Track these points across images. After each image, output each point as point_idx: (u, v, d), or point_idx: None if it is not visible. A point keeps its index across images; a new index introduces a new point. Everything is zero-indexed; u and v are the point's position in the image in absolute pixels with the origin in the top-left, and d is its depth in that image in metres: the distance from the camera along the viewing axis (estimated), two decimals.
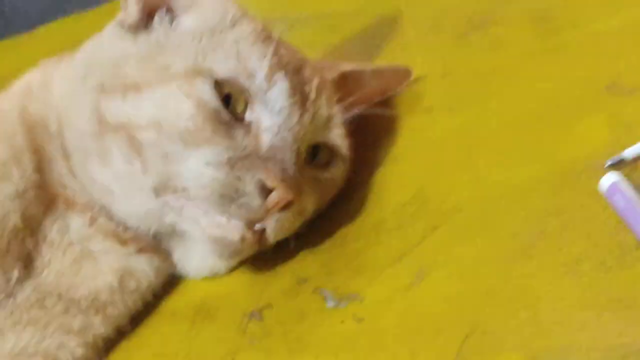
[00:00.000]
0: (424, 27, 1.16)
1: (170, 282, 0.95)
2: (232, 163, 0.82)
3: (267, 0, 0.96)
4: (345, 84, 0.94)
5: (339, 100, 0.92)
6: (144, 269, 0.91)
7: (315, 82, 0.89)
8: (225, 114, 0.84)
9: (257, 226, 0.83)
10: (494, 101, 0.97)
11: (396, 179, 0.93)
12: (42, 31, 1.67)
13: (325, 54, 1.13)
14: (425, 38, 1.13)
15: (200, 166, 0.83)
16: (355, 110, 0.93)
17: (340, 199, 0.93)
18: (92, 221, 0.91)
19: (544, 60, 0.99)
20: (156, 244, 0.92)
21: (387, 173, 0.94)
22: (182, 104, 0.84)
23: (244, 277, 0.91)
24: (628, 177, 0.79)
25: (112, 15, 0.98)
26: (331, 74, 0.93)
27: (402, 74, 1.01)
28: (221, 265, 0.90)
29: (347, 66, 0.97)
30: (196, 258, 0.91)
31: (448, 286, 0.78)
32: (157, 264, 0.92)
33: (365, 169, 0.95)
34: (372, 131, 0.98)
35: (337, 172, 0.91)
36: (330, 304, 0.81)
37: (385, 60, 1.09)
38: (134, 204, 0.88)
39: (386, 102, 1.03)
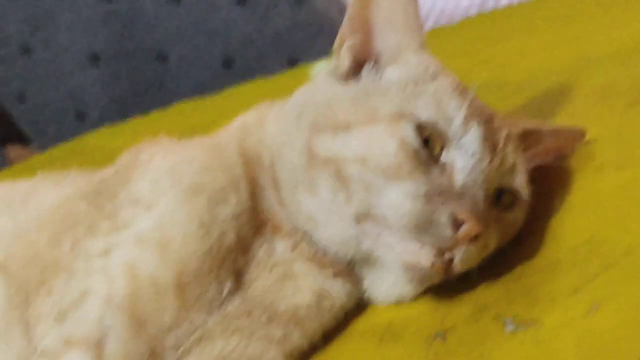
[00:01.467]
0: (594, 97, 1.17)
1: (359, 305, 0.95)
2: (428, 196, 0.85)
3: (447, 62, 1.00)
4: (526, 139, 0.96)
5: (522, 152, 0.94)
6: (339, 291, 0.93)
7: (503, 133, 0.91)
8: (424, 154, 0.87)
9: (447, 255, 0.85)
10: None
11: (570, 224, 0.93)
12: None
13: None
14: (595, 107, 1.14)
15: (400, 197, 0.86)
16: (536, 162, 0.96)
17: (519, 238, 0.93)
18: (295, 246, 0.94)
19: None
20: (350, 270, 0.94)
21: (562, 219, 0.94)
22: (387, 142, 0.88)
23: (427, 304, 0.91)
24: None
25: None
26: (515, 129, 0.95)
27: (577, 135, 1.03)
28: (408, 291, 0.92)
29: (529, 124, 1.00)
30: (385, 285, 0.93)
31: (621, 317, 0.77)
32: (349, 287, 0.94)
33: (542, 214, 0.96)
34: (549, 183, 0.99)
35: (517, 214, 0.92)
36: (509, 328, 0.81)
37: None
38: (335, 231, 0.91)
39: (561, 159, 1.03)
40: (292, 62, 2.05)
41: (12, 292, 0.97)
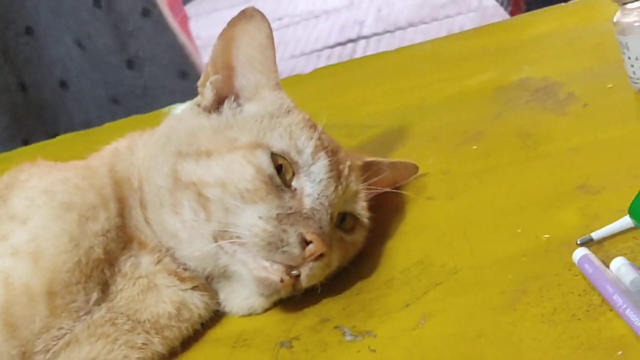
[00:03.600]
0: (426, 137, 1.22)
1: (216, 315, 0.96)
2: (279, 218, 0.88)
3: (302, 106, 1.04)
4: (367, 170, 1.00)
5: (363, 181, 0.97)
6: (196, 303, 0.95)
7: (347, 163, 0.95)
8: (277, 180, 0.90)
9: (294, 272, 0.88)
10: (487, 193, 1.02)
11: (404, 247, 0.98)
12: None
13: None
14: (427, 145, 1.18)
15: (255, 218, 0.88)
16: (375, 191, 1.00)
17: (359, 258, 0.97)
18: (159, 260, 0.95)
19: (527, 166, 1.05)
20: (208, 283, 0.96)
21: (397, 242, 0.99)
22: (245, 168, 0.90)
23: (276, 315, 0.94)
24: (595, 252, 0.83)
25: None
26: (358, 161, 0.99)
27: (411, 169, 1.08)
28: (259, 304, 0.94)
29: (369, 158, 1.04)
30: (239, 298, 0.95)
31: (447, 329, 0.83)
32: (206, 300, 0.95)
33: (379, 238, 1.00)
34: (385, 210, 1.03)
35: (358, 237, 0.96)
36: (348, 337, 0.85)
37: None
38: (195, 248, 0.92)
39: (397, 189, 1.06)
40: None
41: None
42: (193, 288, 0.95)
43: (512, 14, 3.13)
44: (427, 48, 1.75)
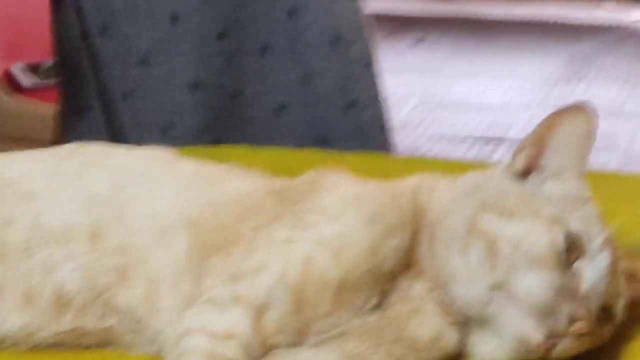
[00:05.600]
0: None
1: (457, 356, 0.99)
2: (557, 291, 0.92)
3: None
4: (629, 277, 1.04)
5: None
6: (452, 337, 0.99)
7: (621, 265, 1.00)
8: (564, 256, 0.94)
9: (553, 340, 0.92)
10: None
11: None
12: None
13: None
14: None
15: (536, 282, 0.93)
16: (630, 297, 1.02)
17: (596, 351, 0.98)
18: (431, 290, 1.00)
19: None
20: (465, 324, 0.99)
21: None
22: (541, 236, 0.95)
23: None
24: None
25: None
26: (625, 265, 1.03)
27: None
28: (505, 357, 0.97)
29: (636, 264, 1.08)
30: (489, 346, 0.99)
31: None
32: (459, 337, 0.99)
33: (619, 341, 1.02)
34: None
35: (605, 332, 0.99)
36: None
37: None
38: (469, 290, 0.97)
39: None
40: None
41: (193, 247, 1.04)
42: (452, 324, 0.99)
43: None
44: None
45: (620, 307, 1.00)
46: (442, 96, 3.98)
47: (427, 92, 4.10)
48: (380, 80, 2.15)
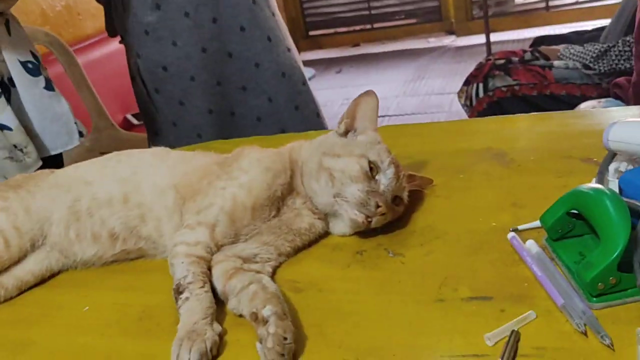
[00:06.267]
0: (436, 168, 1.65)
1: (324, 234, 1.37)
2: (367, 193, 1.29)
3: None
4: (410, 178, 1.42)
5: (407, 182, 1.39)
6: (318, 225, 1.37)
7: (402, 173, 1.36)
8: (369, 174, 1.30)
9: (369, 219, 1.28)
10: (467, 198, 1.47)
11: (422, 218, 1.39)
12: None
13: None
14: (438, 173, 1.61)
15: (355, 190, 1.29)
16: (411, 188, 1.42)
17: (399, 219, 1.37)
18: (304, 202, 1.37)
19: (489, 190, 1.51)
20: (325, 217, 1.37)
21: (418, 215, 1.41)
22: (355, 165, 1.31)
23: (355, 239, 1.34)
24: (519, 235, 1.20)
25: None
26: (405, 173, 1.39)
27: (430, 181, 1.52)
28: (349, 231, 1.36)
29: (411, 172, 1.45)
30: (339, 227, 1.37)
31: (439, 258, 1.21)
32: (323, 225, 1.37)
33: (410, 211, 1.42)
34: (414, 199, 1.45)
35: (400, 208, 1.37)
36: (390, 255, 1.26)
37: None
38: (323, 199, 1.34)
39: (422, 190, 1.49)
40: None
41: (177, 198, 1.38)
42: (318, 218, 1.37)
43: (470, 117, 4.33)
44: (430, 126, 2.21)
45: (405, 195, 1.41)
46: (353, 97, 4.87)
47: (344, 98, 6.78)
48: (313, 93, 2.79)
